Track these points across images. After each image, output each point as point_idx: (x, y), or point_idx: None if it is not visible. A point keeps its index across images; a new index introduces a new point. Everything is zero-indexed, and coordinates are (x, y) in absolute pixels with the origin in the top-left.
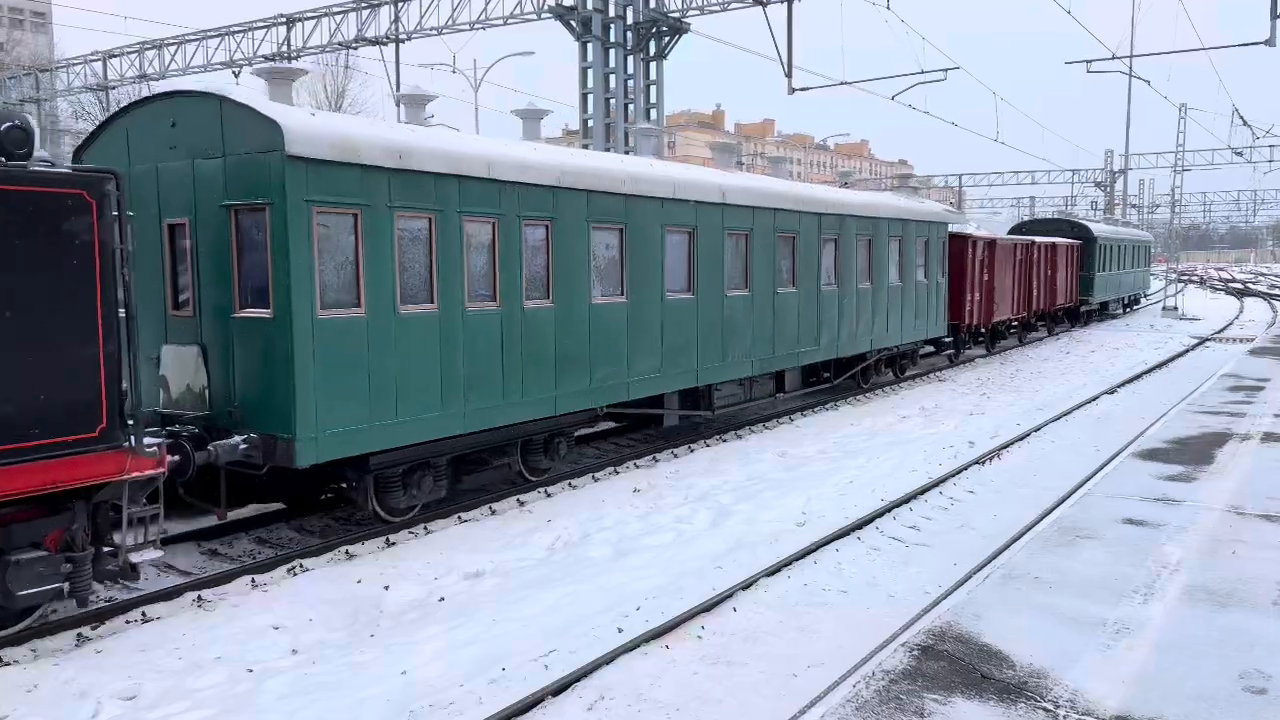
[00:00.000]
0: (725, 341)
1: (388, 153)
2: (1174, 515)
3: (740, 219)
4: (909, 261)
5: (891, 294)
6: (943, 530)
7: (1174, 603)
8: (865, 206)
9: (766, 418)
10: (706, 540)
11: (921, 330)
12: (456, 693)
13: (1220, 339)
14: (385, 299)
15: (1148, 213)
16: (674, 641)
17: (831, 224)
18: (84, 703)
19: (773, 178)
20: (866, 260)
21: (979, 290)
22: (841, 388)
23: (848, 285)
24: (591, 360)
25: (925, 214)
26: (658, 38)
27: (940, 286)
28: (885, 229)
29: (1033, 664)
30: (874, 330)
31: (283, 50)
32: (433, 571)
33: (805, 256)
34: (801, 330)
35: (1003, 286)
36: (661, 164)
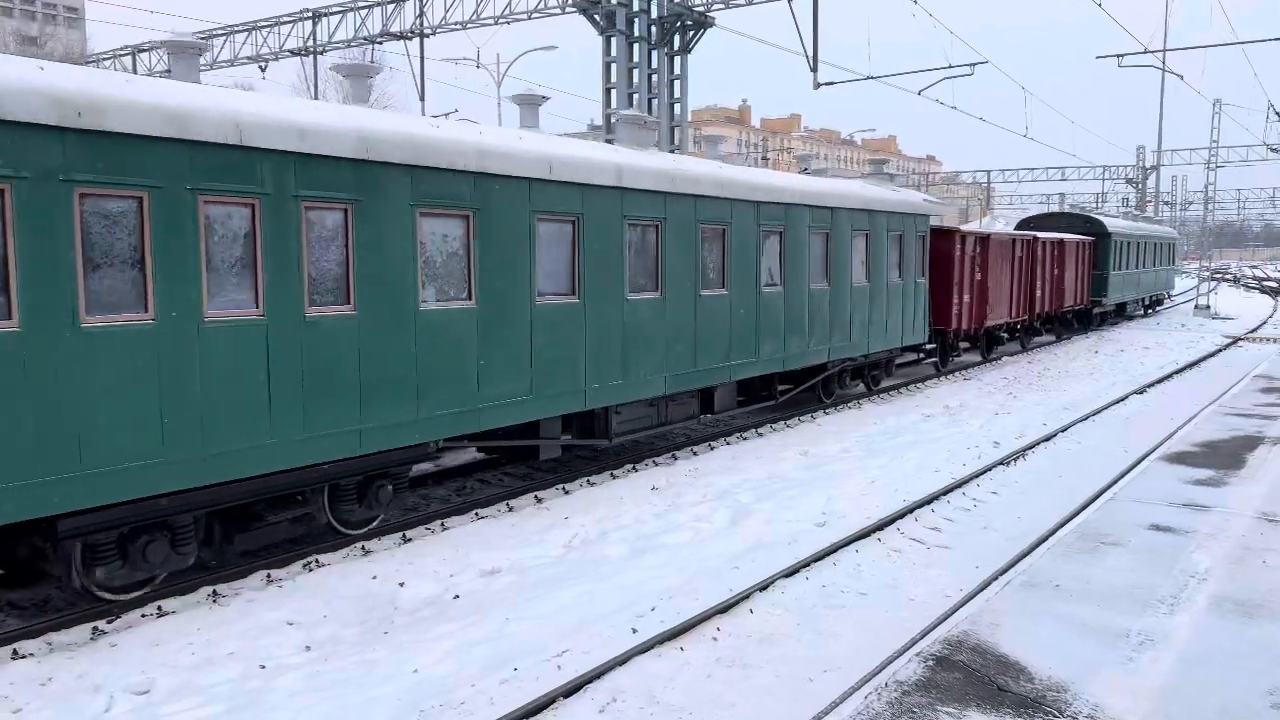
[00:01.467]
0: (627, 355)
1: (69, 107)
2: (1202, 521)
3: (647, 207)
4: (879, 259)
5: (857, 296)
6: (965, 532)
7: (1201, 613)
8: (820, 195)
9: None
10: (724, 540)
11: (896, 337)
12: (467, 692)
13: (1253, 339)
14: (56, 307)
15: (1180, 210)
16: (688, 643)
17: (774, 215)
18: (97, 697)
19: (693, 158)
20: (823, 257)
21: (969, 291)
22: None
23: (797, 286)
24: (420, 383)
25: (900, 205)
26: (682, 32)
27: (920, 287)
28: (847, 222)
29: (1051, 676)
30: (833, 338)
31: (308, 45)
32: (448, 569)
33: (740, 253)
34: (735, 340)
35: (998, 287)
36: (538, 137)
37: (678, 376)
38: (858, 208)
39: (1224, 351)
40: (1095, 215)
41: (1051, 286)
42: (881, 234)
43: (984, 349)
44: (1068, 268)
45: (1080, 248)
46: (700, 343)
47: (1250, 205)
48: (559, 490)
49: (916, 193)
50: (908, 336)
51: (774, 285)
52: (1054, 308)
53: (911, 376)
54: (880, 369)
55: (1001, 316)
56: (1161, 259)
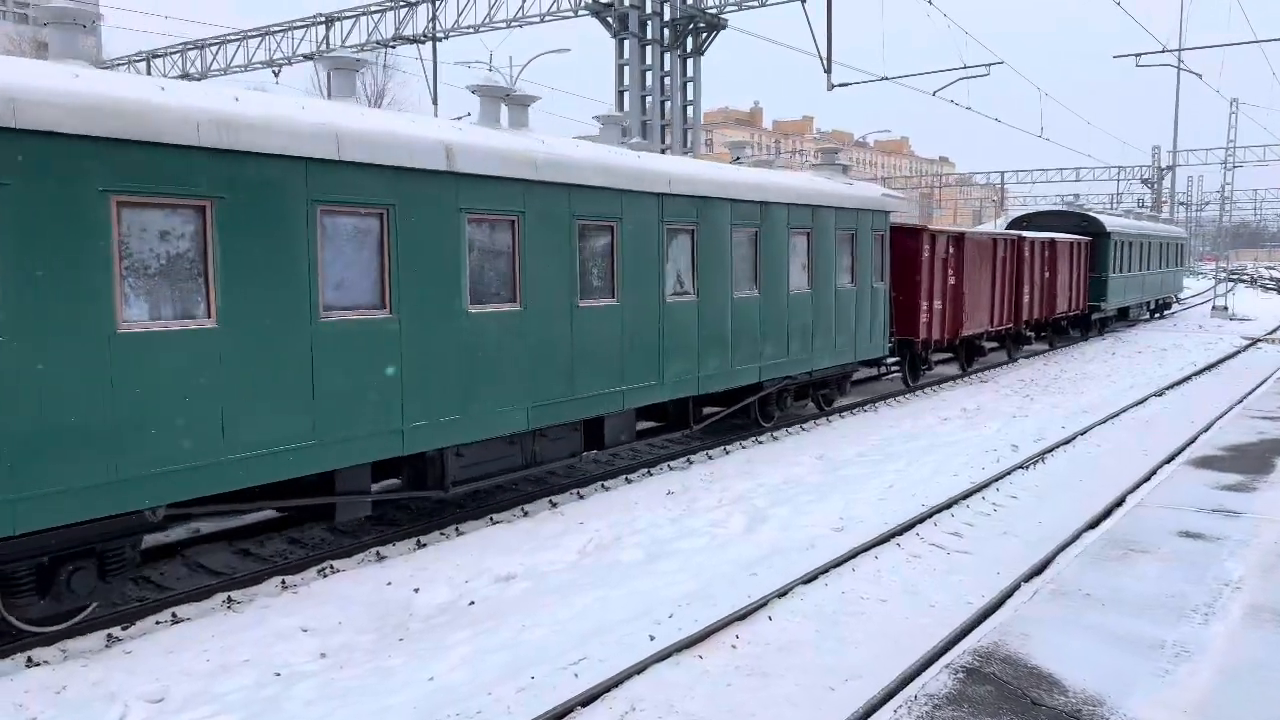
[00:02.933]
0: (470, 382)
1: None
2: (1233, 528)
3: (496, 198)
4: (825, 261)
5: (796, 305)
6: (985, 537)
7: (1237, 624)
8: (748, 187)
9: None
10: (741, 545)
11: (848, 351)
12: (484, 700)
13: (1272, 340)
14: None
15: (1196, 210)
16: (707, 651)
17: (684, 210)
18: (112, 705)
19: (567, 139)
20: (751, 260)
21: (942, 297)
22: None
23: (717, 294)
24: (122, 432)
25: (852, 199)
26: (695, 34)
27: (879, 293)
28: (783, 218)
29: (1086, 690)
30: (767, 354)
31: (320, 49)
32: (463, 574)
33: (636, 256)
34: (631, 360)
35: (977, 292)
36: (329, 105)
37: (547, 407)
38: (796, 202)
39: (1243, 353)
40: (1093, 213)
41: (1042, 291)
42: (828, 232)
43: (963, 361)
44: (1060, 270)
45: (1075, 248)
46: (580, 365)
47: (1268, 205)
48: (573, 495)
49: (874, 185)
50: (863, 350)
51: (684, 294)
52: (1045, 314)
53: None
54: (833, 387)
55: (981, 324)
56: (1168, 260)
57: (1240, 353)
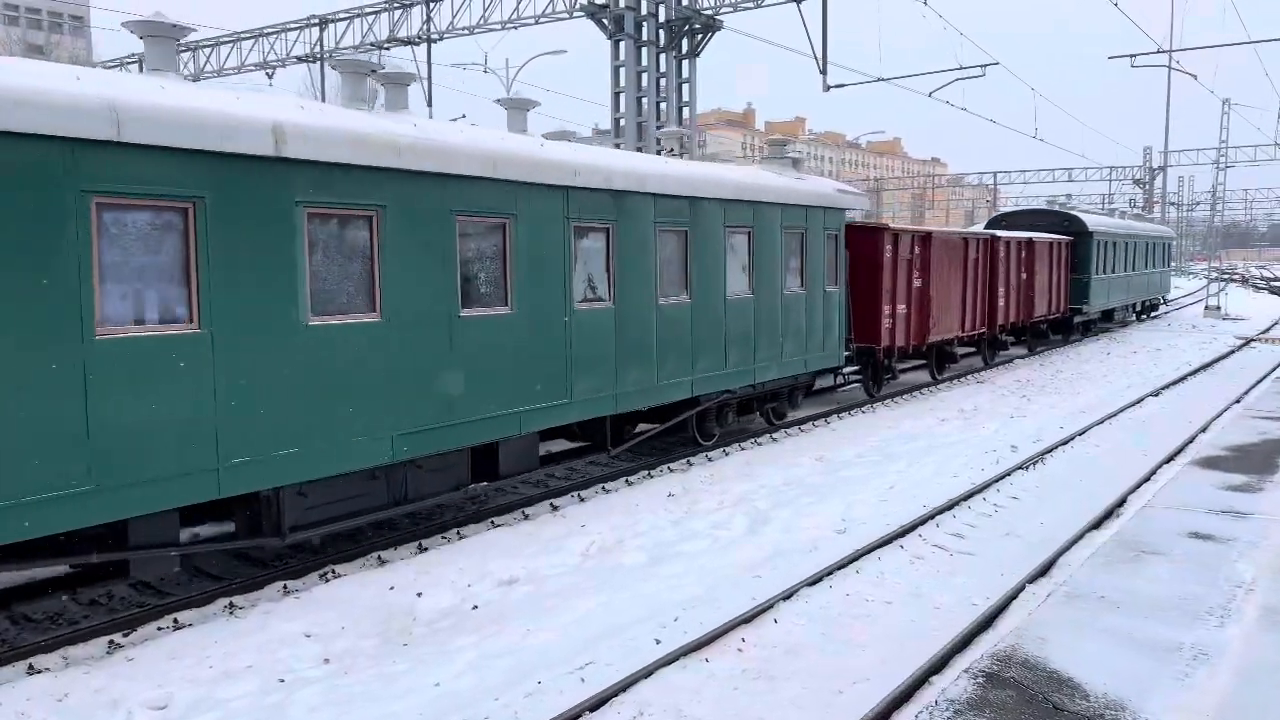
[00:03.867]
0: (312, 409)
1: None
2: (1242, 529)
3: (343, 190)
4: (769, 263)
5: (735, 311)
6: (987, 538)
7: (1253, 626)
8: (669, 181)
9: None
10: (744, 547)
11: (797, 361)
12: (491, 706)
13: (1266, 339)
14: None
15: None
16: (713, 654)
17: (593, 206)
18: (115, 713)
19: (445, 123)
20: (680, 262)
21: (906, 301)
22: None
23: (637, 301)
24: None
25: (801, 195)
26: (690, 35)
27: (832, 298)
28: (717, 216)
29: (1107, 694)
30: (700, 366)
31: (314, 51)
32: (466, 578)
33: (534, 258)
34: (529, 376)
35: (946, 295)
36: (104, 76)
37: (419, 435)
38: (734, 198)
39: (1237, 353)
40: (1074, 212)
41: (1019, 293)
42: (772, 231)
43: (933, 368)
44: (1039, 271)
45: (1055, 249)
46: (464, 384)
47: (1258, 205)
48: (574, 498)
49: (828, 180)
50: (816, 359)
51: (598, 300)
52: (1023, 317)
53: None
54: (783, 400)
55: (951, 329)
56: (1155, 260)
57: (1234, 352)
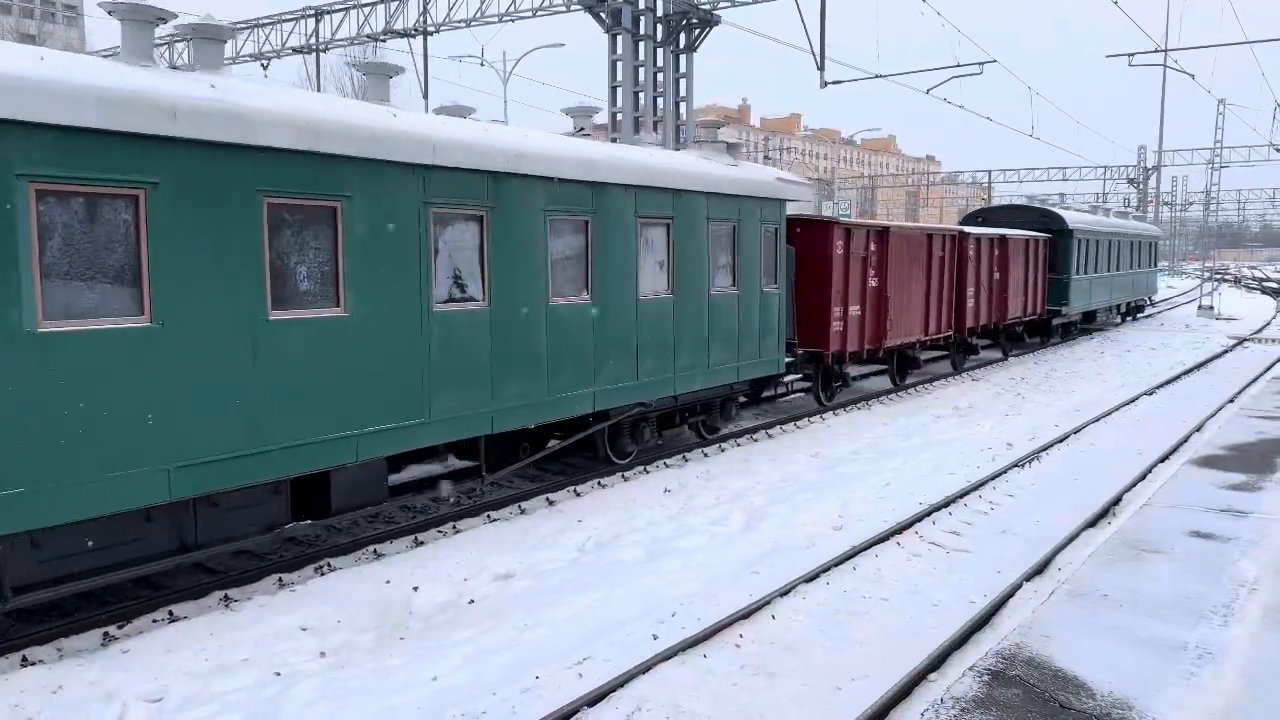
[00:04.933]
0: (47, 435)
1: None
2: (1243, 528)
3: (90, 163)
4: (692, 259)
5: (650, 314)
6: (984, 535)
7: (1257, 625)
8: (565, 163)
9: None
10: (741, 543)
11: (729, 368)
12: (489, 701)
13: (1259, 339)
14: None
15: (1180, 210)
16: (711, 650)
17: (460, 189)
18: (110, 705)
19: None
20: (580, 257)
21: (860, 302)
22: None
23: (521, 302)
24: None
25: (733, 184)
26: (688, 30)
27: (771, 299)
28: (628, 205)
29: (1113, 693)
30: (605, 377)
31: (310, 42)
32: (463, 572)
33: (377, 250)
34: (370, 392)
35: (906, 295)
36: None
37: (209, 466)
38: (649, 184)
39: (1230, 353)
40: (1053, 208)
41: (991, 293)
42: (697, 223)
43: (894, 374)
44: (1013, 270)
45: (1032, 247)
46: (276, 402)
47: (1250, 206)
48: (570, 492)
49: (767, 168)
50: (751, 367)
51: (468, 300)
52: (995, 319)
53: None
54: (715, 411)
55: (912, 333)
56: (1140, 260)
57: (1228, 352)
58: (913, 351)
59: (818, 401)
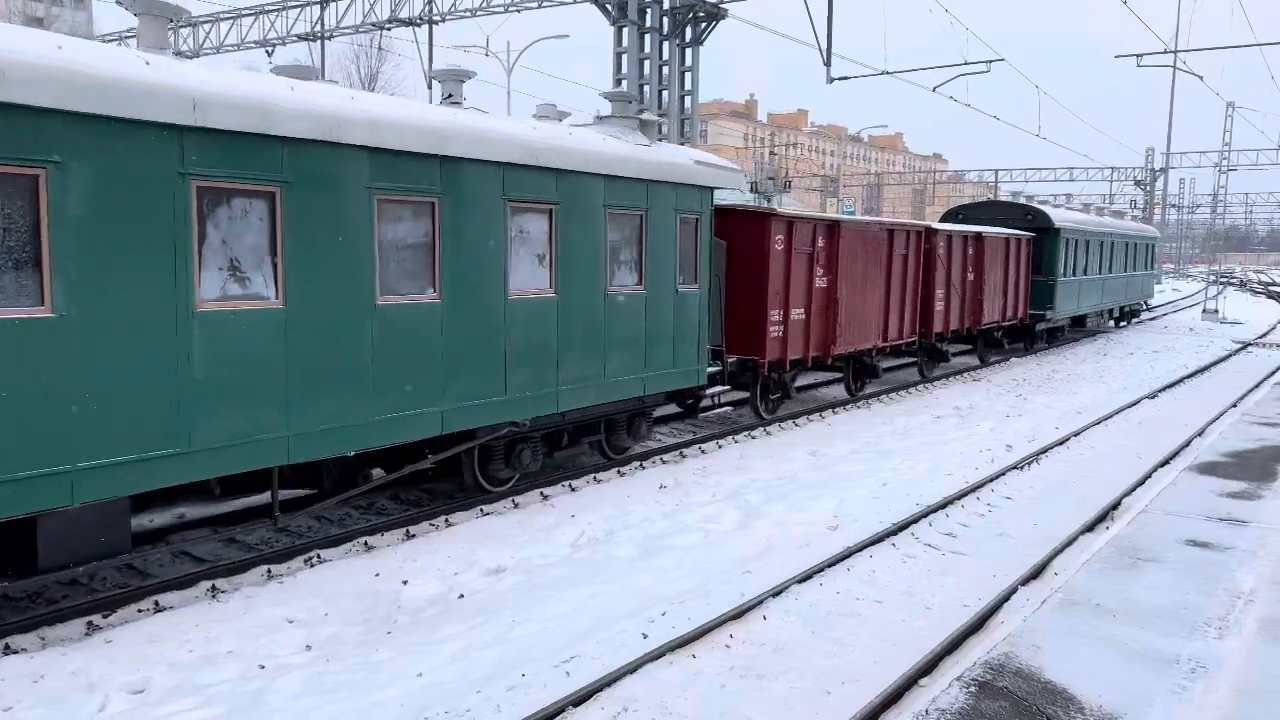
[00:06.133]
0: None
1: None
2: (1241, 537)
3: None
4: (585, 252)
5: (524, 316)
6: (980, 538)
7: (1252, 638)
8: (397, 130)
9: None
10: (735, 542)
11: (633, 380)
12: (474, 699)
13: (1264, 344)
14: None
15: (1187, 213)
16: (701, 651)
17: (240, 160)
18: (91, 696)
19: None
20: (425, 248)
21: (805, 303)
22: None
23: (329, 300)
24: None
25: (639, 166)
26: (694, 23)
27: (690, 299)
28: (491, 186)
29: (1103, 708)
30: (456, 392)
31: (315, 30)
32: (453, 566)
33: (104, 231)
34: (88, 415)
35: (860, 296)
36: None
37: None
38: (522, 162)
39: (1235, 357)
40: (1038, 205)
41: (964, 296)
42: (592, 211)
43: (850, 383)
44: (991, 271)
45: (1013, 246)
46: None
47: (1258, 209)
48: (565, 487)
49: (684, 149)
50: (662, 378)
51: (249, 299)
52: (968, 323)
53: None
54: (620, 429)
55: (868, 338)
56: (1136, 262)
57: (1232, 356)
58: (870, 359)
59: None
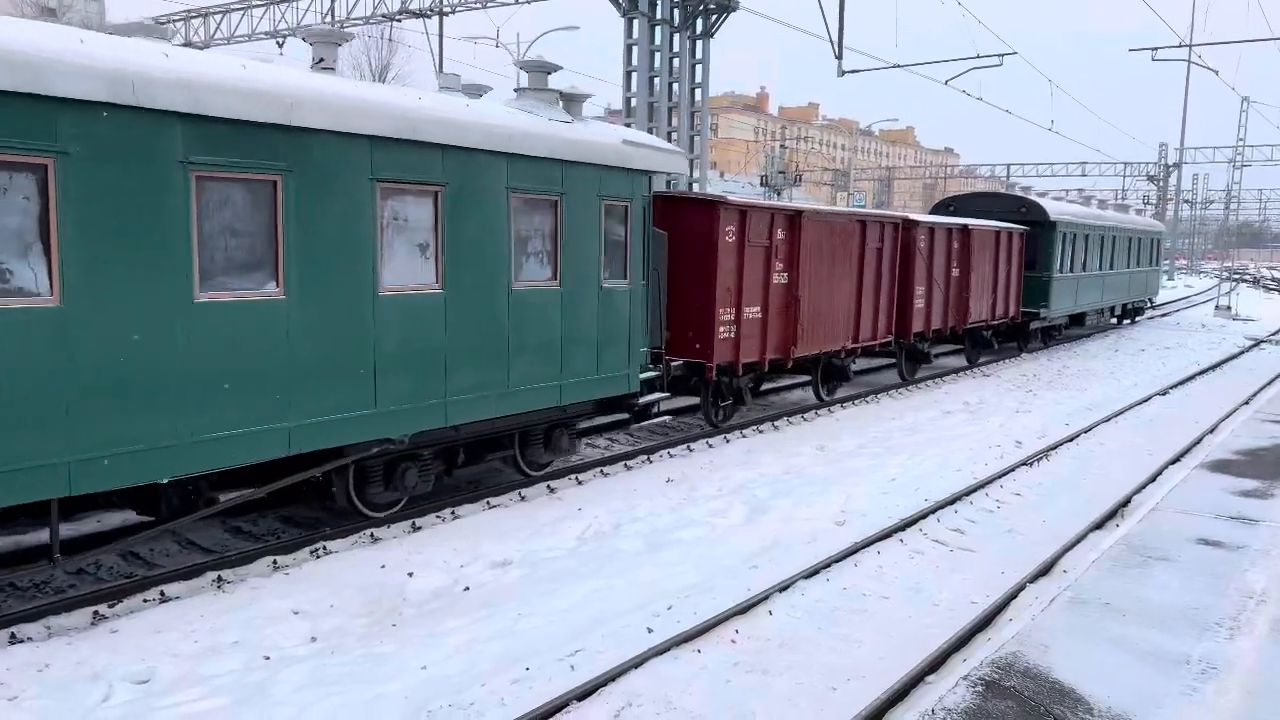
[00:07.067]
0: None
1: None
2: (1253, 536)
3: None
4: (481, 242)
5: (398, 315)
6: (989, 534)
7: (1264, 639)
8: (231, 96)
9: None
10: (741, 536)
11: (549, 388)
12: (478, 692)
13: (1277, 341)
14: None
15: (1200, 208)
16: (706, 645)
17: (35, 130)
18: (96, 685)
19: None
20: (262, 234)
21: (761, 301)
22: None
23: (127, 298)
24: None
25: (553, 144)
26: (705, 15)
27: (622, 296)
28: (356, 163)
29: (1112, 708)
30: (307, 406)
31: (326, 21)
32: (459, 559)
33: None
34: None
35: (825, 293)
36: None
37: None
38: (400, 137)
39: (1247, 354)
40: (1034, 198)
41: (948, 293)
42: (492, 195)
43: (818, 387)
44: (978, 266)
45: (1004, 240)
46: None
47: (1272, 205)
48: (572, 480)
49: (614, 127)
50: (582, 386)
51: (13, 295)
52: (953, 322)
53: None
54: (536, 443)
55: (835, 339)
56: (1139, 258)
57: (1244, 353)
58: (839, 361)
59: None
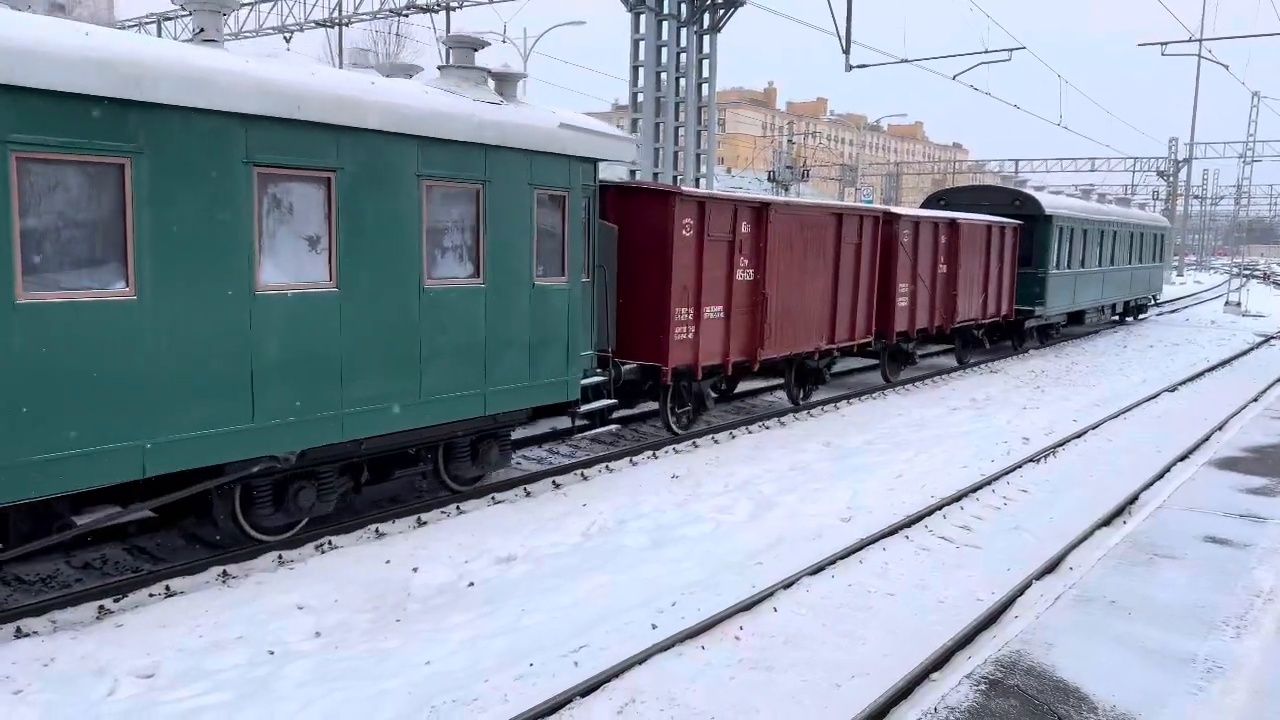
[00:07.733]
0: None
1: None
2: (1261, 535)
3: None
4: (395, 234)
5: (285, 317)
6: (995, 531)
7: (1271, 638)
8: (64, 66)
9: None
10: (746, 533)
11: (473, 396)
12: (481, 688)
13: None
14: None
15: (1210, 204)
16: (710, 642)
17: None
18: (101, 680)
19: None
20: (114, 226)
21: (724, 300)
22: None
23: None
24: None
25: (483, 129)
26: (712, 10)
27: (560, 295)
28: (233, 147)
29: (1116, 708)
30: (172, 421)
31: (333, 16)
32: (464, 554)
33: None
34: None
35: (796, 291)
36: None
37: None
38: (283, 116)
39: (1257, 350)
40: (1029, 191)
41: (934, 290)
42: (400, 183)
43: (793, 390)
44: (967, 262)
45: (996, 235)
46: None
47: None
48: (577, 476)
49: (552, 110)
50: (511, 394)
51: None
52: (940, 321)
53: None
54: (465, 457)
55: (808, 340)
56: (1143, 254)
57: (1254, 349)
58: (812, 362)
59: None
